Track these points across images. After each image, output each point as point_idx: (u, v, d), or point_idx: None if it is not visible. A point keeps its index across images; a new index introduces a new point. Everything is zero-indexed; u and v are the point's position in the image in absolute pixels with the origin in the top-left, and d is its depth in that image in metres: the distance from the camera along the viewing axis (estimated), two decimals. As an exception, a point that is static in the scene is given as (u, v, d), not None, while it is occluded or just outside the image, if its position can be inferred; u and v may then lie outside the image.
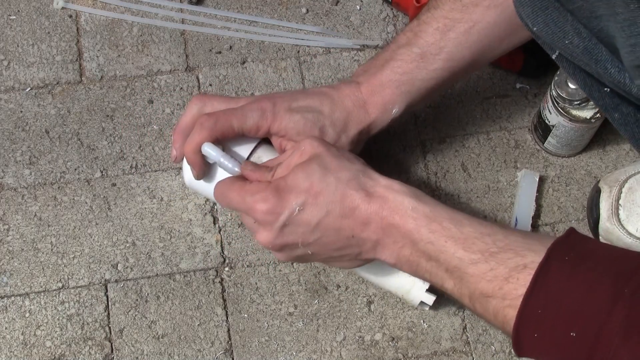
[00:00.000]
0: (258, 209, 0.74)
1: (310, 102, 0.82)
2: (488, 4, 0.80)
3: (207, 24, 1.02)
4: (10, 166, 0.95)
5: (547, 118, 0.92)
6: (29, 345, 0.88)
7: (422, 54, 0.82)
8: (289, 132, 0.80)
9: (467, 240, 0.69)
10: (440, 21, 0.81)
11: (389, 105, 0.83)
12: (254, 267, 0.92)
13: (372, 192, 0.73)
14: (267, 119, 0.80)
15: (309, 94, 0.83)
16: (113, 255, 0.92)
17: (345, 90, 0.83)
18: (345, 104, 0.83)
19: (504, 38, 0.83)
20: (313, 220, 0.73)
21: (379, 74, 0.83)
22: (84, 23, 1.02)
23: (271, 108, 0.80)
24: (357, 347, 0.89)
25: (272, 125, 0.80)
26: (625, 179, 0.90)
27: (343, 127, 0.83)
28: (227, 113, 0.80)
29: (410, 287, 0.83)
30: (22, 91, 0.98)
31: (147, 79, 1.00)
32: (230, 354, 0.89)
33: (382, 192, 0.73)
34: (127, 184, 0.95)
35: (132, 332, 0.89)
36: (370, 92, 0.83)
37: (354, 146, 0.84)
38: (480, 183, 0.96)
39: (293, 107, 0.81)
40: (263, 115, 0.80)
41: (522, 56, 0.97)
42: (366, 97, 0.83)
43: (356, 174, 0.74)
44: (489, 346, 0.89)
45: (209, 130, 0.78)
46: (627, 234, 0.88)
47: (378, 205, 0.72)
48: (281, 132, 0.81)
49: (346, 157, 0.75)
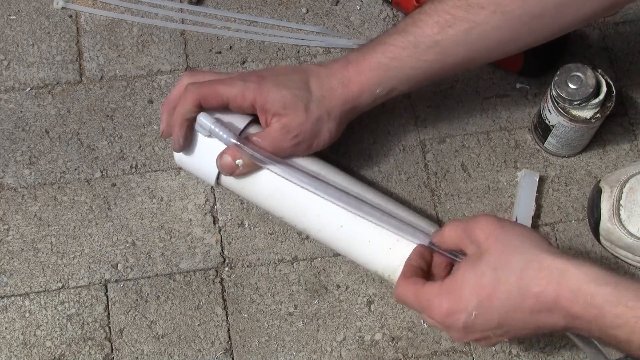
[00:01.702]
0: (435, 315, 0.75)
1: (297, 77, 0.83)
2: (494, 10, 0.79)
3: (207, 24, 1.02)
4: (10, 166, 0.95)
5: (547, 118, 0.92)
6: (29, 345, 0.88)
7: (415, 43, 0.82)
8: (274, 105, 0.82)
9: None
10: (442, 15, 0.81)
11: (373, 87, 0.84)
12: (254, 267, 0.92)
13: (545, 286, 0.70)
14: (252, 90, 0.81)
15: (297, 70, 0.84)
16: (113, 255, 0.92)
17: (333, 68, 0.84)
18: (332, 82, 0.83)
19: (504, 43, 0.82)
20: (492, 323, 0.73)
21: (369, 55, 0.83)
22: (84, 23, 1.02)
23: (257, 80, 0.82)
24: (357, 347, 0.89)
25: (257, 98, 0.81)
26: (626, 179, 0.90)
27: (328, 105, 0.83)
28: (213, 81, 0.83)
29: (397, 265, 0.83)
30: (22, 91, 0.98)
31: (147, 79, 0.99)
32: (230, 354, 0.89)
33: (555, 284, 0.69)
34: (127, 184, 0.95)
35: (132, 332, 0.89)
36: (357, 71, 0.83)
37: (338, 125, 0.85)
38: (480, 183, 0.96)
39: (280, 81, 0.82)
40: (248, 86, 0.82)
41: (522, 56, 0.97)
42: (352, 75, 0.83)
43: (526, 265, 0.71)
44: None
45: (193, 95, 0.81)
46: (628, 234, 0.88)
47: (553, 300, 0.69)
48: (267, 104, 0.82)
49: (515, 244, 0.72)
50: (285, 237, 0.93)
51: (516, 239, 0.73)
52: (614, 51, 1.02)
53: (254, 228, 0.93)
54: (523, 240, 0.73)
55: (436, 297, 0.74)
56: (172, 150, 0.87)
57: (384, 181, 0.95)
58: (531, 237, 0.73)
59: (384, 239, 0.83)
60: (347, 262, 0.92)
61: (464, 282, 0.73)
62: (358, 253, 0.85)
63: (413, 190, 0.95)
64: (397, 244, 0.82)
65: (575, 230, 0.94)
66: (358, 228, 0.84)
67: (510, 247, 0.72)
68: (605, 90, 0.89)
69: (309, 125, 0.83)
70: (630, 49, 1.02)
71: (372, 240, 0.83)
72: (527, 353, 0.89)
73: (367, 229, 0.83)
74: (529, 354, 0.89)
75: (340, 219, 0.84)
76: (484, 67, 1.01)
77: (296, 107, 0.82)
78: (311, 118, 0.83)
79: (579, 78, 0.89)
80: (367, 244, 0.84)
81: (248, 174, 0.85)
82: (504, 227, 0.74)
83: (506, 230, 0.74)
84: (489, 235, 0.73)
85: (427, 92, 1.00)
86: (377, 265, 0.84)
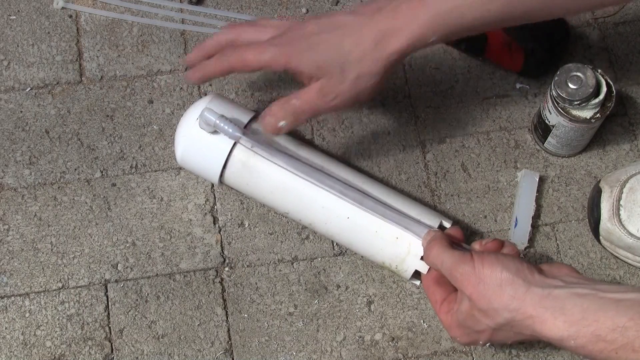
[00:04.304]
0: (452, 336, 0.80)
1: (330, 37, 0.78)
2: None
3: (207, 24, 1.02)
4: (10, 166, 0.95)
5: (547, 118, 0.92)
6: (29, 345, 0.88)
7: None
8: (308, 68, 0.79)
9: None
10: None
11: (426, 37, 0.76)
12: (254, 267, 0.92)
13: None
14: (284, 55, 0.80)
15: (329, 27, 0.79)
16: (113, 255, 0.92)
17: (375, 18, 0.77)
18: (373, 35, 0.77)
19: None
20: (497, 341, 0.77)
21: (425, 2, 0.75)
22: (84, 23, 1.02)
23: (289, 43, 0.80)
24: (357, 347, 0.89)
25: (289, 64, 0.80)
26: (626, 179, 0.90)
27: (367, 63, 0.78)
28: (244, 49, 0.83)
29: (405, 255, 0.84)
30: (22, 91, 0.98)
31: (147, 79, 0.99)
32: (230, 354, 0.89)
33: None
34: (127, 184, 0.95)
35: (132, 332, 0.89)
36: (408, 20, 0.76)
37: (380, 78, 0.79)
38: (480, 183, 0.96)
39: (312, 43, 0.79)
40: (279, 51, 0.80)
41: (522, 56, 0.97)
42: (402, 24, 0.76)
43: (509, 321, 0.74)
44: (489, 346, 0.89)
45: (224, 64, 0.83)
46: (628, 235, 0.88)
47: None
48: (300, 67, 0.80)
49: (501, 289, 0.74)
50: (285, 237, 0.93)
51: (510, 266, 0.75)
52: (614, 51, 1.02)
53: (254, 228, 0.93)
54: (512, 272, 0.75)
55: (451, 330, 0.79)
56: (173, 149, 0.88)
57: (384, 181, 0.95)
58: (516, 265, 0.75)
59: (390, 229, 0.84)
60: (347, 262, 0.92)
61: (470, 320, 0.77)
62: (365, 244, 0.86)
63: (413, 190, 0.95)
64: (404, 233, 0.84)
65: (575, 230, 0.94)
66: (365, 219, 0.85)
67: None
68: (605, 90, 0.89)
69: (347, 86, 0.79)
70: (630, 49, 1.02)
71: (379, 231, 0.85)
72: (527, 353, 0.89)
73: (374, 220, 0.85)
74: (529, 354, 0.89)
75: (346, 210, 0.85)
76: (484, 67, 1.01)
77: (331, 69, 0.78)
78: (348, 78, 0.78)
79: (579, 78, 0.89)
80: (373, 234, 0.85)
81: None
82: None
83: None
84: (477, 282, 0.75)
85: (427, 92, 1.00)
86: (384, 256, 0.85)
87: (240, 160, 0.87)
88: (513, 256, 0.77)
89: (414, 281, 0.87)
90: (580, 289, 0.71)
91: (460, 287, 0.76)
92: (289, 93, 0.82)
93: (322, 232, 0.89)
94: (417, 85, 1.00)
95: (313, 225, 0.88)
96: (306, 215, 0.87)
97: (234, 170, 0.87)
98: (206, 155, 0.87)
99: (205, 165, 0.87)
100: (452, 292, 0.80)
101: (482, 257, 0.75)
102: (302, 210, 0.87)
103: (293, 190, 0.86)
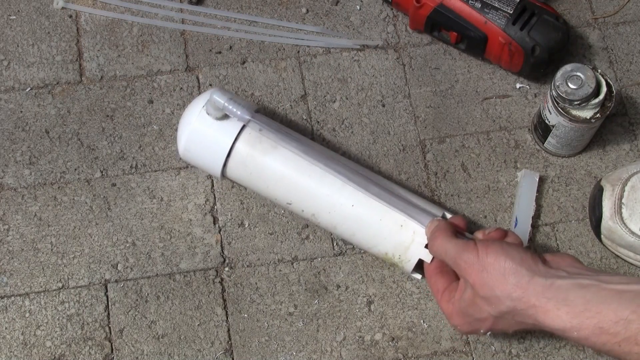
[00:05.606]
0: (453, 324, 0.80)
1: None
2: None
3: (207, 24, 1.02)
4: (10, 166, 0.95)
5: (547, 118, 0.92)
6: (29, 345, 0.88)
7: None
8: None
9: None
10: None
11: None
12: (254, 267, 0.92)
13: None
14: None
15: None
16: (113, 255, 0.92)
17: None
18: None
19: None
20: (498, 329, 0.77)
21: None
22: (84, 23, 1.02)
23: None
24: (357, 347, 0.89)
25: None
26: (628, 177, 0.90)
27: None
28: None
29: (409, 243, 0.84)
30: (22, 91, 0.98)
31: (147, 79, 0.99)
32: (230, 354, 0.88)
33: None
34: (127, 184, 0.95)
35: (132, 332, 0.89)
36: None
37: None
38: (480, 183, 0.96)
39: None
40: None
41: (522, 56, 0.97)
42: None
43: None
44: (489, 346, 0.89)
45: None
46: (629, 233, 0.88)
47: None
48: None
49: None
50: (285, 237, 0.93)
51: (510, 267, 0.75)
52: (614, 51, 1.02)
53: (254, 228, 0.93)
54: None
55: (452, 318, 0.79)
56: (173, 149, 0.88)
57: (384, 181, 0.95)
58: None
59: (395, 217, 0.84)
60: (347, 262, 0.92)
61: (473, 309, 0.77)
62: (368, 233, 0.86)
63: (413, 190, 0.95)
64: (408, 221, 0.84)
65: (575, 230, 0.94)
66: (369, 207, 0.85)
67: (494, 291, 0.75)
68: (605, 90, 0.89)
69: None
70: (630, 49, 1.02)
71: (383, 219, 0.85)
72: (527, 353, 0.89)
73: (378, 208, 0.85)
74: (528, 354, 0.89)
75: (350, 198, 0.85)
76: (484, 67, 1.01)
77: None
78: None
79: (579, 78, 0.89)
80: (378, 222, 0.85)
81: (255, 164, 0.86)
82: None
83: None
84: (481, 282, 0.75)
85: (427, 92, 1.00)
86: (388, 245, 0.85)
87: (243, 151, 0.87)
88: (517, 245, 0.77)
89: (415, 275, 0.87)
90: (583, 279, 0.71)
91: (463, 275, 0.76)
92: (289, 93, 0.82)
93: (326, 222, 0.88)
94: (417, 85, 1.00)
95: (316, 215, 0.87)
96: (310, 205, 0.87)
97: (237, 160, 0.87)
98: (209, 146, 0.87)
99: (208, 156, 0.87)
100: (454, 281, 0.81)
101: (486, 245, 0.75)
102: (306, 200, 0.87)
103: (297, 180, 0.86)
